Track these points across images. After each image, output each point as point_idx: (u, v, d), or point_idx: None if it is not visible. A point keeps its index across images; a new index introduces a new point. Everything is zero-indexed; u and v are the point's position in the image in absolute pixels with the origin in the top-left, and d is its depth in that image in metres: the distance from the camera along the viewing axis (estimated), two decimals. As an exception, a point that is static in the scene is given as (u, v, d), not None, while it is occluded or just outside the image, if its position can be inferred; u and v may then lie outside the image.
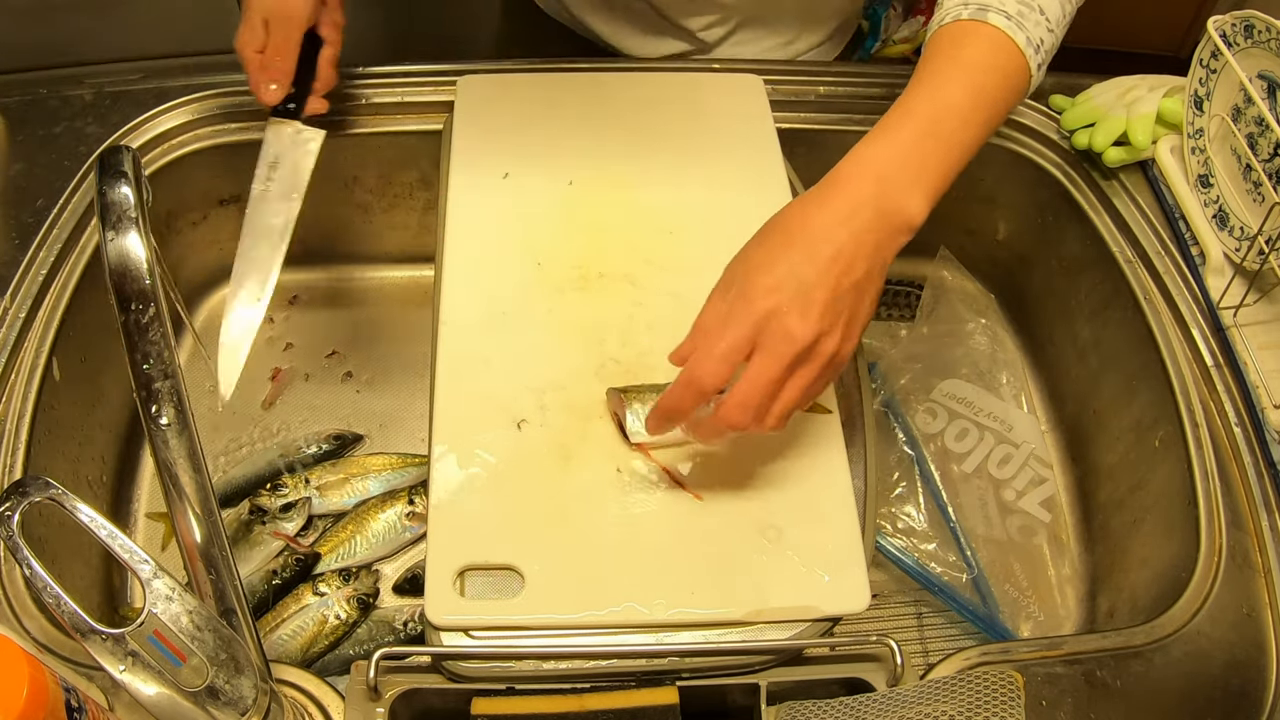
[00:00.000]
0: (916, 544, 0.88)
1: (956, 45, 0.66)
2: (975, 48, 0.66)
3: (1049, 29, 0.67)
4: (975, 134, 0.64)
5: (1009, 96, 0.67)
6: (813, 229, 0.60)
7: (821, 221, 0.60)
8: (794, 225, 0.61)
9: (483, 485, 0.66)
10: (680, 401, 0.61)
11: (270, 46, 0.81)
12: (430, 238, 0.80)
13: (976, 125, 0.64)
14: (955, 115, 0.64)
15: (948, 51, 0.66)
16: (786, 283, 0.58)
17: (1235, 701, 0.65)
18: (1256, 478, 0.75)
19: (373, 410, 0.98)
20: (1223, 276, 0.83)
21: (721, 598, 0.63)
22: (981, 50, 0.66)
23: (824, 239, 0.59)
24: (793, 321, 0.58)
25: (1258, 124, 0.80)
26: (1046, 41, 0.68)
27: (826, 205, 0.61)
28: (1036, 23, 0.67)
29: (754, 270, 0.60)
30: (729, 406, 0.59)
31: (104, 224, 0.55)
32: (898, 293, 1.07)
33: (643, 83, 0.91)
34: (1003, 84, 0.66)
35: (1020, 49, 0.66)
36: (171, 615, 0.48)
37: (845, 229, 0.60)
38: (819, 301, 0.58)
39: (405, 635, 0.84)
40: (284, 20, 0.81)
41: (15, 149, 0.89)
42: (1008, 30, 0.65)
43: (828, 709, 0.60)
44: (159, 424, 0.53)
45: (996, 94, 0.65)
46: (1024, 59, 0.66)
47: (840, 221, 0.60)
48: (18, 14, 1.50)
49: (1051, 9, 0.67)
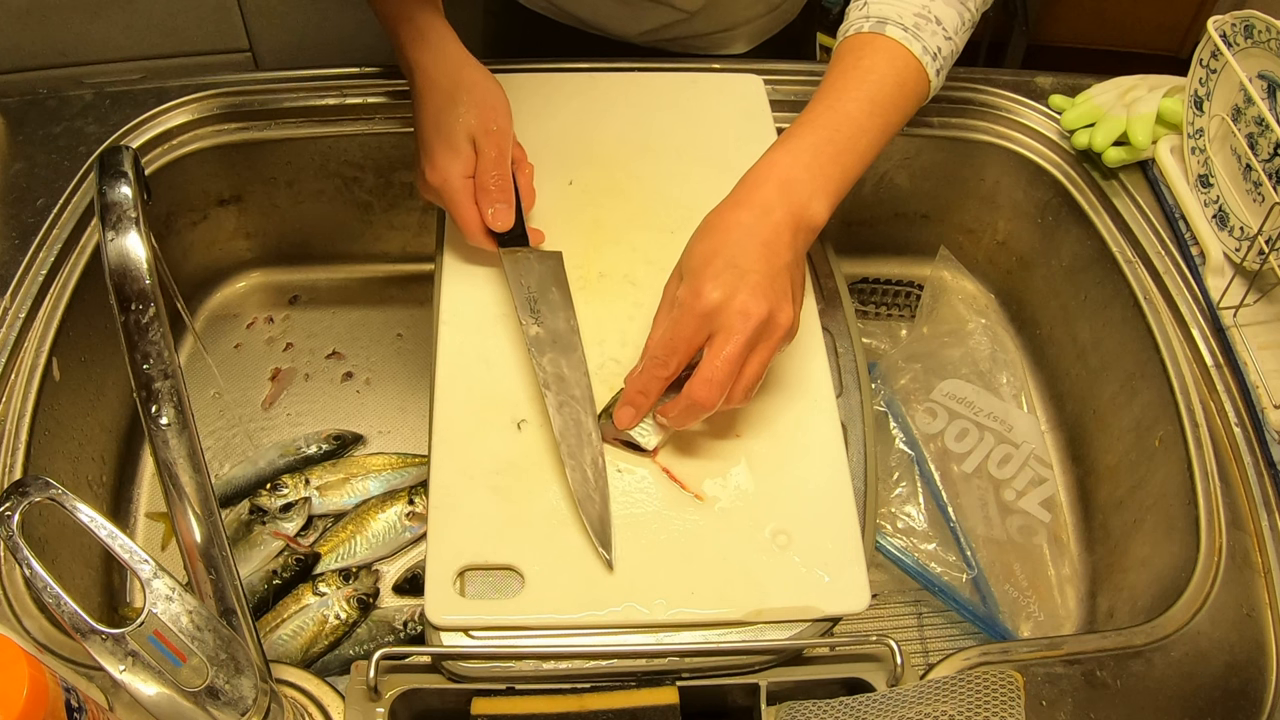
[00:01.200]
0: (916, 544, 0.88)
1: (857, 57, 0.72)
2: (873, 59, 0.72)
3: (946, 37, 0.73)
4: (871, 140, 0.70)
5: (906, 103, 0.73)
6: (737, 226, 0.66)
7: (741, 219, 0.66)
8: (720, 226, 0.66)
9: (483, 485, 0.66)
10: (646, 385, 0.65)
11: (486, 165, 0.72)
12: (430, 238, 0.80)
13: (873, 132, 0.70)
14: (852, 124, 0.70)
15: (848, 62, 0.72)
16: (726, 272, 0.63)
17: (1235, 701, 0.65)
18: (1256, 478, 0.74)
19: (373, 410, 0.98)
20: (1223, 276, 0.83)
21: (721, 598, 0.63)
22: (879, 61, 0.72)
23: (749, 232, 0.65)
24: (746, 300, 0.62)
25: (1258, 124, 0.80)
26: (945, 49, 0.73)
27: (742, 206, 0.67)
28: (933, 33, 0.72)
29: (696, 270, 0.64)
30: (697, 384, 0.62)
31: (104, 224, 0.55)
32: (898, 293, 1.07)
33: (643, 83, 0.91)
34: (898, 92, 0.72)
35: (917, 58, 0.72)
36: (171, 615, 0.48)
37: (764, 223, 0.65)
38: (762, 281, 0.63)
39: (405, 635, 0.84)
40: (498, 135, 0.73)
41: (15, 149, 0.89)
42: (904, 42, 0.72)
43: (828, 709, 0.60)
44: (159, 424, 0.53)
45: (892, 103, 0.71)
46: (921, 67, 0.72)
47: (758, 218, 0.66)
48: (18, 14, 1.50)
49: (949, 18, 0.73)
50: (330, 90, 0.95)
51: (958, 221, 1.05)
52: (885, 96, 0.71)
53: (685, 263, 0.67)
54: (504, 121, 0.74)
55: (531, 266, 0.73)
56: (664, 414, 0.66)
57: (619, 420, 0.67)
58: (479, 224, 0.73)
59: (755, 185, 0.68)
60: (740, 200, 0.67)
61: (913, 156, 1.00)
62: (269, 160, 0.97)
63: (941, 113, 0.98)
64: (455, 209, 0.73)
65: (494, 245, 0.74)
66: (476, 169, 0.73)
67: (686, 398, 0.63)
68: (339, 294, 1.07)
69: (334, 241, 1.05)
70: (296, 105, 0.94)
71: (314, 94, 0.95)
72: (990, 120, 0.98)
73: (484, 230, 0.73)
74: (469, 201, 0.72)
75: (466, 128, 0.72)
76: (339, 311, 1.05)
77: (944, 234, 1.06)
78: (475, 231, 0.73)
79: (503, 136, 0.73)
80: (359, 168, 0.98)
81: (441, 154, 0.72)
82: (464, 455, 0.67)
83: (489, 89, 0.74)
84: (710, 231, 0.67)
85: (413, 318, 1.05)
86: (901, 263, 1.09)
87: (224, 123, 0.94)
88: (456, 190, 0.72)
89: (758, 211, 0.66)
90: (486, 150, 0.72)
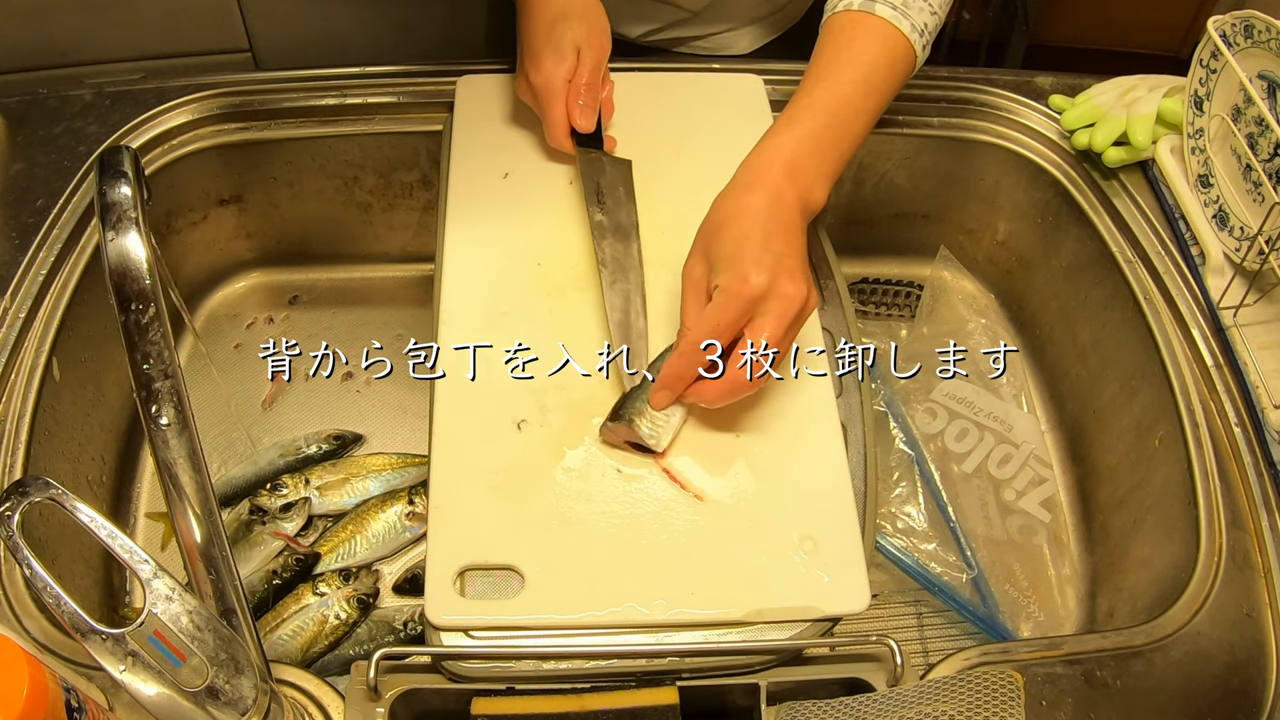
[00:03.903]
0: (916, 544, 0.88)
1: (848, 36, 0.73)
2: (864, 39, 0.73)
3: (931, 11, 0.75)
4: (866, 122, 0.73)
5: (896, 82, 0.75)
6: (759, 211, 0.67)
7: (759, 203, 0.67)
8: (740, 211, 0.67)
9: (483, 485, 0.66)
10: (685, 369, 0.65)
11: (582, 73, 0.81)
12: (430, 238, 0.80)
13: (867, 113, 0.73)
14: (849, 107, 0.71)
15: (840, 42, 0.74)
16: (765, 256, 0.64)
17: (1235, 701, 0.65)
18: (1256, 478, 0.74)
19: (373, 410, 0.98)
20: (1223, 276, 0.83)
21: (721, 598, 0.63)
22: (870, 41, 0.73)
23: (771, 216, 0.66)
24: (786, 286, 0.64)
25: (1258, 124, 0.80)
26: (930, 24, 0.75)
27: (756, 190, 0.68)
28: (920, 9, 0.74)
29: (733, 257, 0.65)
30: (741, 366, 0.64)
31: (104, 224, 0.55)
32: (898, 293, 1.07)
33: (643, 82, 0.91)
34: (889, 73, 0.73)
35: (906, 35, 0.73)
36: (171, 615, 0.48)
37: (780, 207, 0.67)
38: (797, 265, 0.65)
39: (405, 635, 0.84)
40: (599, 50, 0.82)
41: (15, 149, 0.89)
42: (893, 20, 0.73)
43: (828, 709, 0.60)
44: (159, 424, 0.53)
45: (884, 83, 0.73)
46: (909, 44, 0.74)
47: (774, 202, 0.67)
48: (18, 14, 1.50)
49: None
50: (330, 90, 0.95)
51: (958, 221, 1.05)
52: (878, 78, 0.72)
53: (714, 248, 0.67)
54: (605, 39, 0.83)
55: (604, 167, 0.82)
56: (697, 395, 0.66)
57: (655, 402, 0.67)
58: (565, 125, 0.81)
59: (764, 169, 0.69)
60: (753, 184, 0.68)
61: (913, 156, 1.00)
62: (269, 160, 0.97)
63: (941, 113, 0.98)
64: (549, 108, 0.80)
65: (572, 146, 0.82)
66: (575, 74, 0.81)
67: (730, 380, 0.64)
68: (339, 294, 1.07)
69: (334, 241, 1.05)
70: (296, 105, 0.94)
71: (314, 94, 0.95)
72: (990, 120, 0.98)
73: (567, 131, 0.81)
74: (561, 103, 0.80)
75: (575, 38, 0.80)
76: (339, 311, 1.05)
77: (944, 234, 1.06)
78: (560, 130, 0.81)
79: (602, 51, 0.82)
80: (359, 168, 0.98)
81: (549, 58, 0.80)
82: (464, 455, 0.68)
83: (596, 10, 0.83)
84: (733, 217, 0.67)
85: (413, 318, 1.05)
86: (901, 263, 1.09)
87: (224, 123, 0.94)
88: (555, 91, 0.80)
89: (772, 195, 0.67)
90: (587, 59, 0.81)
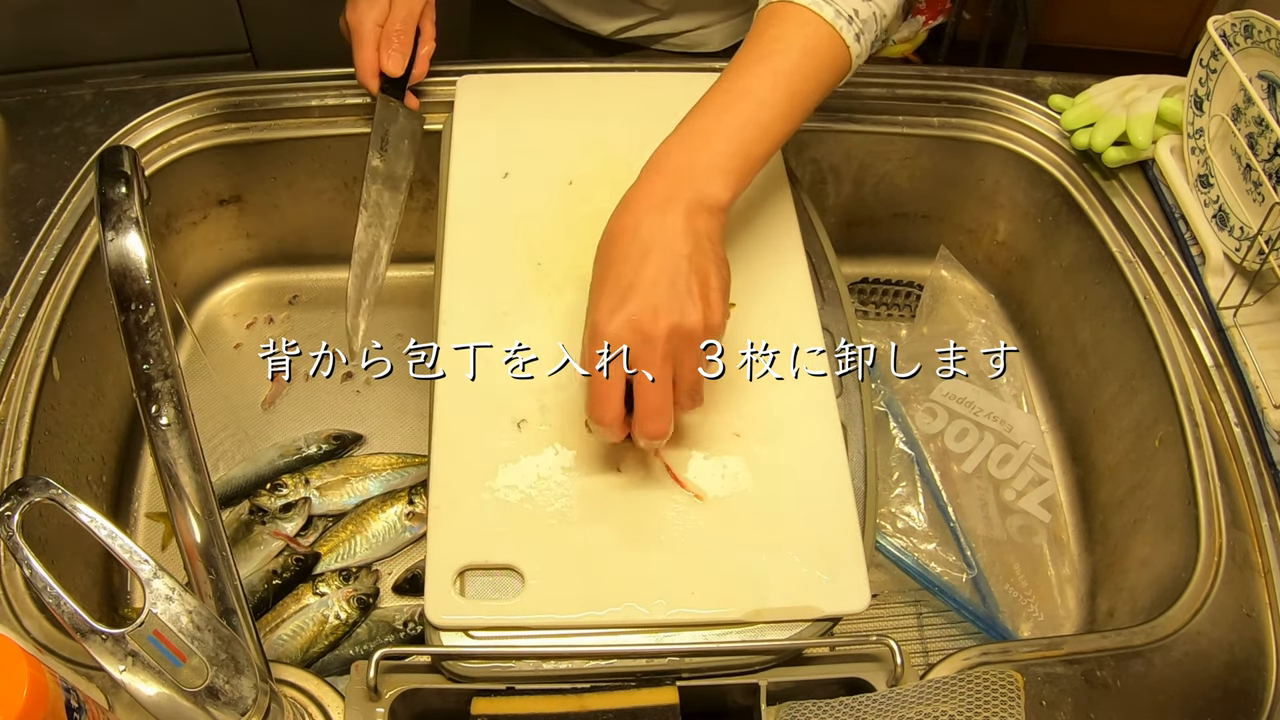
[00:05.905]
0: (916, 544, 0.88)
1: (765, 27, 0.71)
2: (780, 28, 0.70)
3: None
4: (777, 113, 0.68)
5: (819, 71, 0.70)
6: (624, 234, 0.64)
7: (626, 225, 0.64)
8: (610, 239, 0.65)
9: (483, 485, 0.66)
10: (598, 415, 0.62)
11: (393, 19, 0.85)
12: (430, 238, 0.80)
13: (776, 105, 0.68)
14: (751, 99, 0.68)
15: (754, 36, 0.71)
16: (618, 296, 0.61)
17: (1235, 701, 0.65)
18: (1256, 478, 0.74)
19: (373, 410, 0.98)
20: (1223, 276, 0.83)
21: (721, 598, 0.62)
22: (786, 29, 0.70)
23: (634, 237, 0.63)
24: (646, 325, 0.60)
25: (1258, 124, 0.80)
26: (863, 10, 0.70)
27: (628, 211, 0.65)
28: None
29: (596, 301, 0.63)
30: (642, 422, 0.62)
31: (104, 224, 0.55)
32: (898, 293, 1.07)
33: (643, 82, 0.91)
34: (807, 60, 0.69)
35: (829, 23, 0.69)
36: (171, 615, 0.48)
37: (653, 221, 0.63)
38: (655, 296, 0.61)
39: (405, 635, 0.84)
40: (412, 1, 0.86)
41: (15, 149, 0.89)
42: (813, 7, 0.69)
43: (828, 709, 0.60)
44: (159, 424, 0.53)
45: (799, 72, 0.69)
46: (834, 31, 0.69)
47: (644, 216, 0.64)
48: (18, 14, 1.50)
49: None
50: (330, 90, 0.95)
51: (958, 221, 1.05)
52: (790, 65, 0.69)
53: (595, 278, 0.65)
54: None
55: (397, 116, 0.87)
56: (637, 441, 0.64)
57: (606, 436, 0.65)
58: (374, 67, 0.86)
59: (646, 181, 0.66)
60: (628, 203, 0.66)
61: (913, 156, 1.00)
62: (269, 160, 0.97)
63: (941, 113, 0.98)
64: (357, 48, 0.86)
65: (376, 89, 0.87)
66: (388, 20, 0.85)
67: (641, 436, 0.62)
68: (339, 294, 1.06)
69: (334, 242, 1.05)
70: (296, 105, 0.94)
71: (314, 94, 0.94)
72: (990, 120, 0.98)
73: (375, 73, 0.87)
74: (372, 46, 0.85)
75: None
76: (339, 312, 1.05)
77: (944, 234, 1.06)
78: (368, 72, 0.86)
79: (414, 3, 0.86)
80: (359, 168, 0.98)
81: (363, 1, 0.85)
82: (464, 455, 0.67)
83: None
84: (606, 248, 0.65)
85: (413, 318, 1.04)
86: (901, 263, 1.09)
87: (224, 123, 0.94)
88: (366, 33, 0.85)
89: (645, 208, 0.64)
90: (399, 7, 0.86)
